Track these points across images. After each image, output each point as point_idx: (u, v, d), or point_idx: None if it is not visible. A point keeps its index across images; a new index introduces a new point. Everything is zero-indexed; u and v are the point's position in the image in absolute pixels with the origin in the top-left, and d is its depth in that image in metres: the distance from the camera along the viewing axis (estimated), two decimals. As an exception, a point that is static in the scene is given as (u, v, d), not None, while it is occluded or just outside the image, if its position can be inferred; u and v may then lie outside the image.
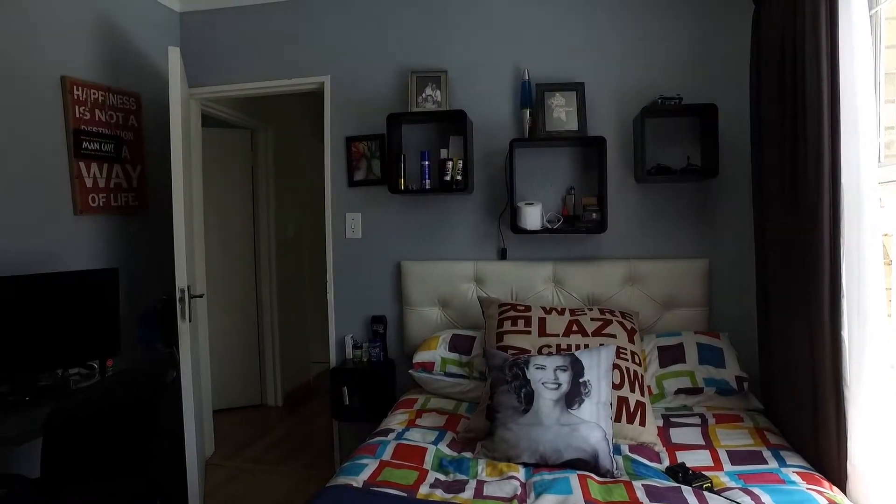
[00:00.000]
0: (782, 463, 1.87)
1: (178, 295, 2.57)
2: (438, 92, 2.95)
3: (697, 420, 2.24)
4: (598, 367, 2.06)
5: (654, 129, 2.71)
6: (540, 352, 2.35)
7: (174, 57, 2.63)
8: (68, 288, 2.25)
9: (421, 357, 2.61)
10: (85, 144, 2.75)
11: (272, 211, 4.43)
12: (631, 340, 2.39)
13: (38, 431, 1.83)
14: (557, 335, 2.41)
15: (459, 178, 2.80)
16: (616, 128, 2.86)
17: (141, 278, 3.11)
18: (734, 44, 2.67)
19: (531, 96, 2.86)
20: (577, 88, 2.84)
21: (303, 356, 4.90)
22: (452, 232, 3.03)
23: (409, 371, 2.62)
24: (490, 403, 2.11)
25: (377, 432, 2.23)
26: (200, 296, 2.91)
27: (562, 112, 2.85)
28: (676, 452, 2.01)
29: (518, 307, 2.57)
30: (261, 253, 4.40)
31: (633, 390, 2.17)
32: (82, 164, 2.75)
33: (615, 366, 2.17)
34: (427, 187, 2.87)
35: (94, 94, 2.83)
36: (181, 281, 2.58)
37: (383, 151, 3.06)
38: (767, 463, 1.88)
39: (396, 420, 2.35)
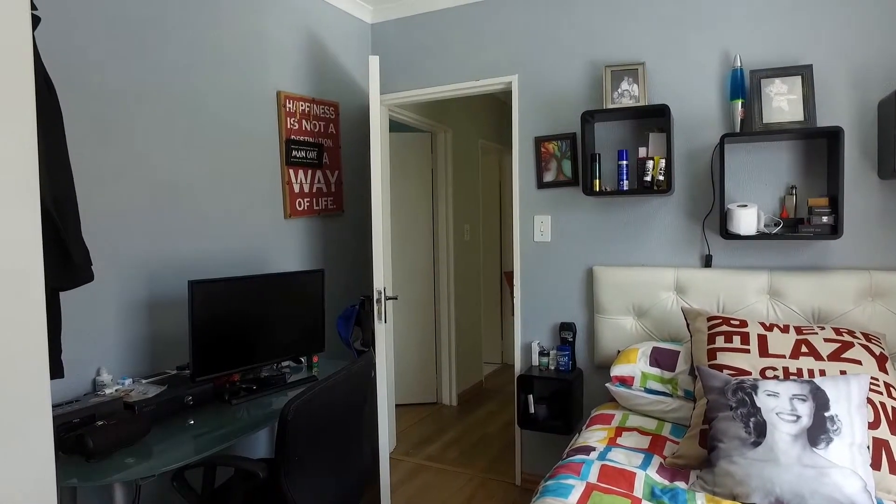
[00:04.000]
0: None
1: (375, 296, 2.67)
2: (635, 86, 2.74)
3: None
4: (847, 400, 1.74)
5: (909, 115, 2.27)
6: (763, 374, 2.06)
7: (374, 65, 2.73)
8: (283, 288, 2.43)
9: (619, 370, 2.44)
10: (294, 152, 2.97)
11: (450, 213, 4.50)
12: (882, 369, 2.01)
13: (269, 420, 1.99)
14: (783, 356, 2.10)
15: (661, 178, 2.58)
16: (853, 116, 2.44)
17: (336, 279, 3.31)
18: None
19: (743, 85, 2.54)
20: (803, 72, 2.47)
21: (476, 357, 4.94)
22: (650, 236, 2.81)
23: (607, 385, 2.47)
24: (707, 429, 1.89)
25: (576, 448, 2.11)
26: (395, 298, 3.01)
27: (783, 101, 2.50)
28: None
29: (731, 321, 2.29)
30: (439, 255, 4.49)
31: (893, 432, 1.81)
32: (291, 171, 2.97)
33: (867, 400, 1.83)
34: (624, 188, 2.68)
35: (302, 105, 3.04)
36: (378, 283, 2.67)
37: (574, 151, 2.93)
38: None
39: (595, 437, 2.21)
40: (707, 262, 2.69)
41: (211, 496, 1.86)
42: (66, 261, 1.67)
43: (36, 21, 1.56)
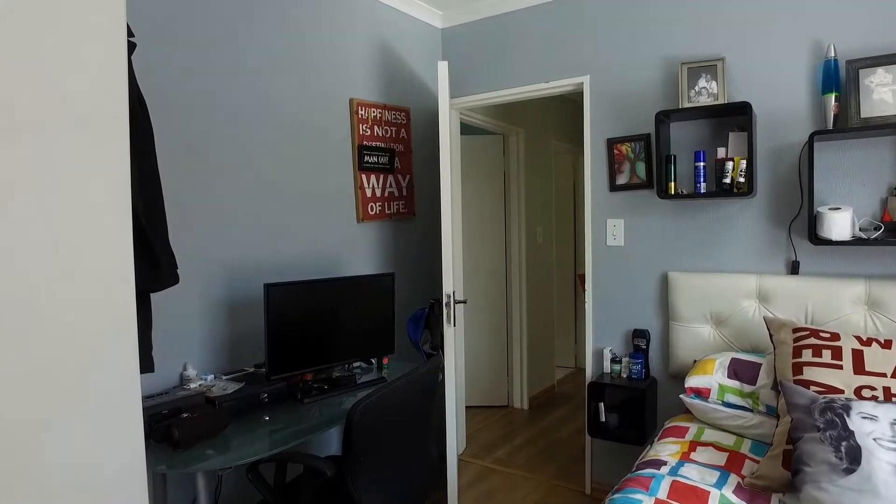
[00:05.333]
0: None
1: (444, 300, 2.69)
2: (714, 83, 2.61)
3: None
4: (961, 427, 1.58)
5: None
6: (859, 394, 1.90)
7: (443, 71, 2.76)
8: (355, 290, 2.50)
9: (695, 381, 2.33)
10: (366, 158, 3.05)
11: (522, 216, 4.47)
12: None
13: (339, 419, 2.06)
14: (884, 375, 1.93)
15: (742, 179, 2.44)
16: (969, 108, 2.21)
17: (407, 281, 3.37)
18: None
19: (838, 77, 2.36)
20: (910, 61, 2.26)
21: (548, 361, 4.88)
22: (729, 241, 2.66)
23: (681, 396, 2.36)
24: (791, 450, 1.77)
25: (646, 462, 2.04)
26: (464, 301, 3.02)
27: (886, 92, 2.30)
28: None
29: (821, 334, 2.13)
30: (511, 258, 4.47)
31: None
32: (363, 176, 3.05)
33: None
34: (701, 191, 2.56)
35: (374, 111, 3.12)
36: (448, 287, 2.70)
37: (648, 153, 2.83)
38: None
39: (667, 450, 2.12)
40: (794, 268, 2.52)
41: (282, 490, 1.95)
42: (154, 265, 1.80)
43: (132, 47, 1.69)
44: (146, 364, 1.81)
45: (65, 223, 1.18)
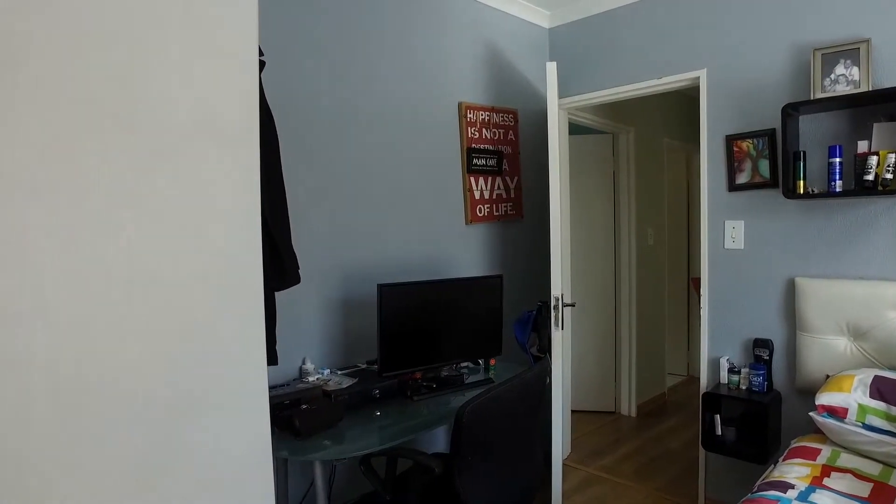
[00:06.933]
0: None
1: (552, 303, 2.67)
2: (855, 69, 2.37)
3: None
4: None
5: None
6: None
7: (552, 71, 2.73)
8: (464, 292, 2.54)
9: (828, 399, 2.14)
10: (474, 160, 3.09)
11: (632, 217, 4.32)
12: None
13: (447, 418, 2.11)
14: None
15: (889, 175, 2.20)
16: None
17: (514, 283, 3.37)
18: None
19: None
20: None
21: (658, 368, 4.67)
22: (869, 245, 2.41)
23: (810, 413, 2.18)
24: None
25: (770, 483, 1.90)
26: (572, 305, 2.98)
27: None
28: None
29: None
30: (620, 260, 4.33)
31: None
32: (472, 178, 3.09)
33: None
34: (836, 189, 2.34)
35: (482, 114, 3.15)
36: (556, 289, 2.67)
37: (773, 149, 2.63)
38: None
39: (794, 472, 1.96)
40: (951, 276, 2.24)
41: (392, 483, 2.03)
42: (279, 266, 1.94)
43: (262, 65, 1.83)
44: (271, 357, 1.95)
45: (205, 228, 1.31)
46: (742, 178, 2.74)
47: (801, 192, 2.44)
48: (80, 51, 1.12)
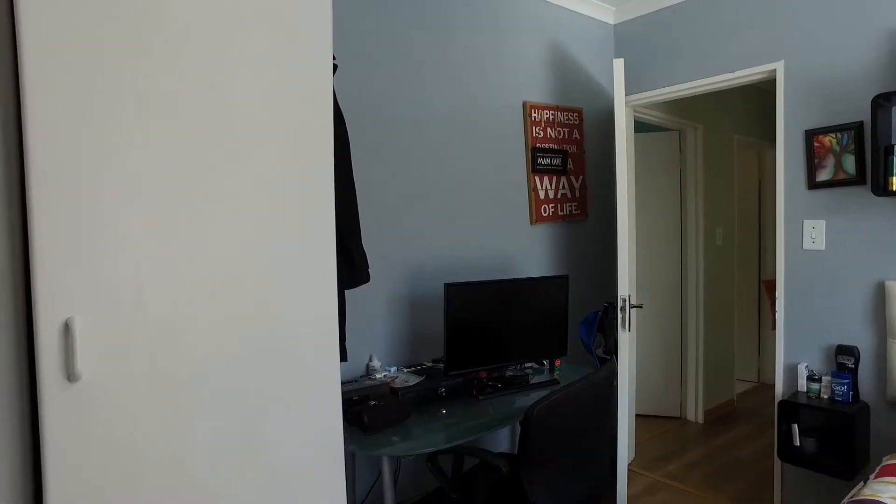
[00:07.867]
0: None
1: (619, 304, 2.62)
2: (953, 59, 2.21)
3: None
4: None
5: None
6: None
7: (619, 69, 2.68)
8: (529, 292, 2.53)
9: (922, 411, 2.01)
10: (539, 160, 3.07)
11: (700, 216, 4.17)
12: None
13: (512, 418, 2.10)
14: None
15: None
16: None
17: (579, 284, 3.32)
18: None
19: None
20: None
21: (727, 373, 4.50)
22: (971, 246, 2.25)
23: (902, 426, 2.05)
24: None
25: (861, 501, 1.80)
26: (639, 306, 2.91)
27: None
28: None
29: None
30: (688, 261, 4.20)
31: None
32: (537, 178, 3.07)
33: None
34: (933, 187, 2.19)
35: (546, 113, 3.12)
36: (623, 290, 2.62)
37: (860, 144, 2.48)
38: None
39: (890, 492, 1.84)
40: None
41: (459, 481, 2.04)
42: (350, 265, 1.98)
43: (334, 69, 1.88)
44: (341, 354, 2.00)
45: (282, 225, 1.36)
46: (823, 176, 2.60)
47: (894, 189, 2.30)
48: (180, 53, 1.19)
